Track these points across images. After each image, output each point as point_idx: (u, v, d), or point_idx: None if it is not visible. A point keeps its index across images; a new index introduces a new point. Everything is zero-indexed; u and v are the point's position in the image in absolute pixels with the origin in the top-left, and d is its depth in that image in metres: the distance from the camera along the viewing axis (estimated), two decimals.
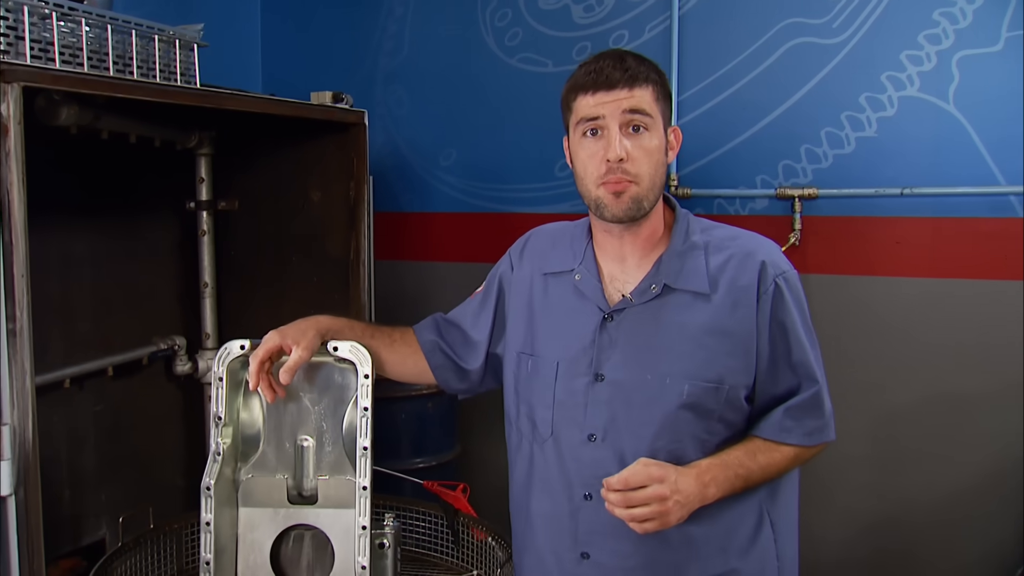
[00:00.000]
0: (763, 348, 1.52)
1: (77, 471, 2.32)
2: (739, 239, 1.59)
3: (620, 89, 1.47)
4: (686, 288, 1.53)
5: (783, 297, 1.52)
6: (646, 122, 1.48)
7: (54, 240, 2.21)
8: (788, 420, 1.53)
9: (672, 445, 1.50)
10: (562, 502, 1.58)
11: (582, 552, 1.56)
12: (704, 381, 1.50)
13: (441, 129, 3.36)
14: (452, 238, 3.38)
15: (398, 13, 3.39)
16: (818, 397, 1.55)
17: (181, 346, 2.57)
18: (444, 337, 1.81)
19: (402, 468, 2.77)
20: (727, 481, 1.47)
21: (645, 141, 1.48)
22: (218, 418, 1.72)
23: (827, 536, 2.87)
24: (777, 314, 1.52)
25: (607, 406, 1.53)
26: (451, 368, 1.80)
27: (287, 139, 2.56)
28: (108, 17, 1.82)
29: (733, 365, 1.51)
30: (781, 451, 1.54)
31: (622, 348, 1.54)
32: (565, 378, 1.58)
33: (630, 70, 1.48)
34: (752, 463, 1.51)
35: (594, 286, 1.59)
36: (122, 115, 2.06)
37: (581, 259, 1.62)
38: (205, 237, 2.59)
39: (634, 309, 1.54)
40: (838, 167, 2.79)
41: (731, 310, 1.52)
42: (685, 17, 2.94)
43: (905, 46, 2.69)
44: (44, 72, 1.59)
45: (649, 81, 1.49)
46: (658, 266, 1.55)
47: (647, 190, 1.49)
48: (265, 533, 1.78)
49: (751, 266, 1.53)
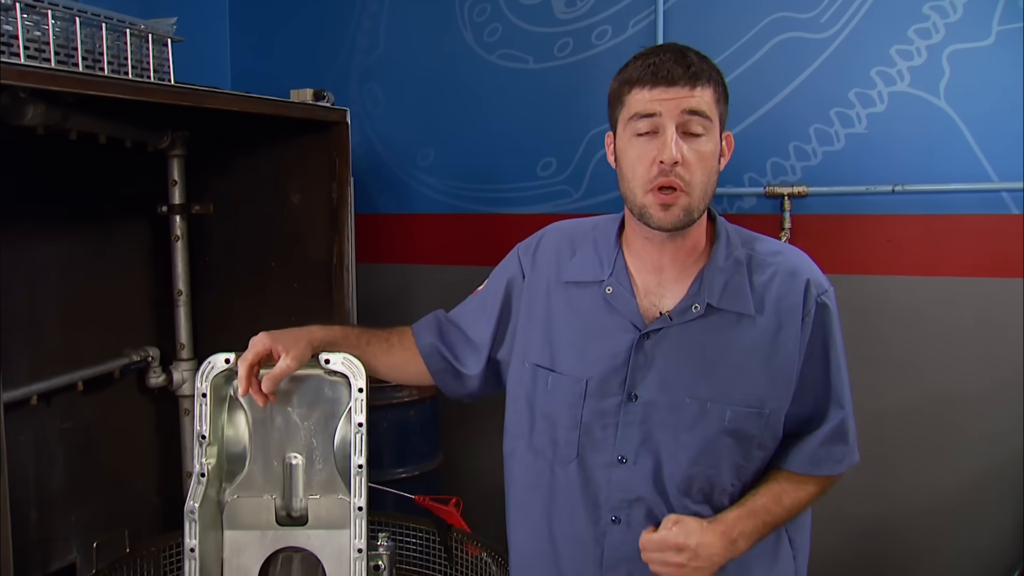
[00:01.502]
0: (802, 366, 1.45)
1: (45, 492, 2.22)
2: (781, 254, 1.50)
3: (681, 86, 1.36)
4: (731, 309, 1.44)
5: (826, 318, 1.46)
6: (705, 125, 1.38)
7: (18, 248, 2.11)
8: (821, 451, 1.48)
9: (709, 471, 1.44)
10: (587, 525, 1.50)
11: None
12: (747, 407, 1.43)
13: (419, 128, 3.28)
14: (431, 240, 3.30)
15: (372, 9, 3.30)
16: (845, 424, 1.49)
17: (154, 358, 2.48)
18: (444, 339, 1.71)
19: (384, 479, 2.70)
20: (755, 531, 1.43)
21: (702, 146, 1.38)
22: (202, 437, 1.62)
23: (822, 539, 2.83)
24: (819, 335, 1.46)
25: (639, 428, 1.45)
26: (450, 372, 1.70)
27: (265, 139, 2.47)
28: (76, 10, 1.71)
29: (775, 388, 1.44)
30: (806, 487, 1.49)
31: (659, 368, 1.45)
32: (594, 398, 1.48)
33: (693, 66, 1.37)
34: (778, 508, 1.46)
35: (628, 301, 1.48)
36: (92, 114, 1.95)
37: (611, 269, 1.51)
38: (179, 242, 2.48)
39: (673, 329, 1.45)
40: (828, 164, 2.76)
41: (775, 332, 1.44)
42: (670, 12, 2.89)
43: (895, 40, 2.66)
44: (8, 68, 1.47)
45: (711, 81, 1.39)
46: (699, 283, 1.45)
47: (699, 200, 1.39)
48: (252, 557, 1.69)
49: (796, 286, 1.45)
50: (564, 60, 3.04)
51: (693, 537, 1.36)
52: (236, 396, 1.67)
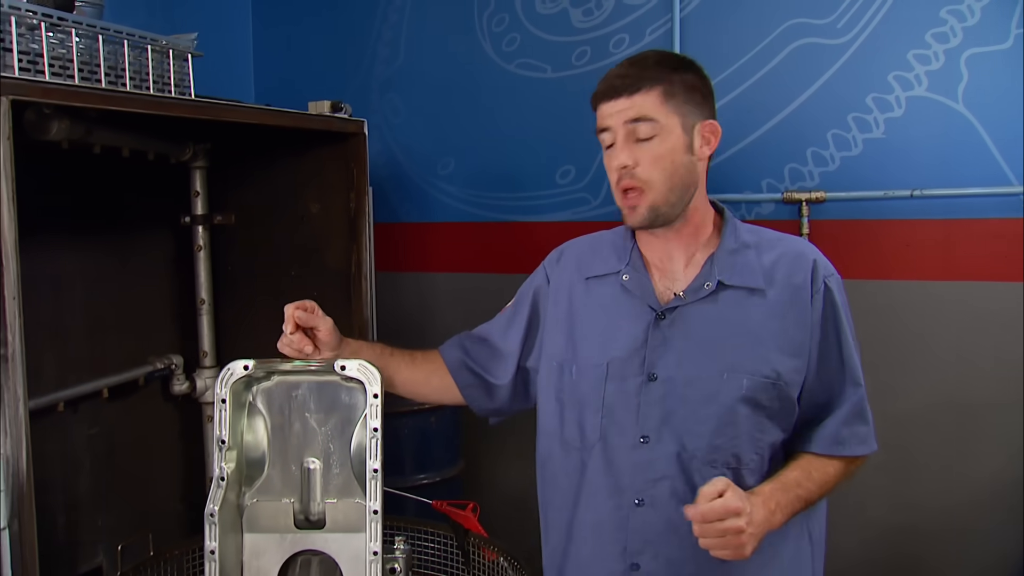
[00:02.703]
0: (814, 347, 1.50)
1: (72, 497, 2.26)
2: (786, 240, 1.58)
3: (621, 98, 1.46)
4: (741, 284, 1.50)
5: (834, 297, 1.51)
6: (652, 127, 1.45)
7: (45, 258, 2.15)
8: (845, 430, 1.50)
9: (731, 443, 1.48)
10: (609, 510, 1.53)
11: (632, 563, 1.51)
12: (762, 376, 1.47)
13: (439, 137, 3.31)
14: (451, 248, 3.33)
15: (393, 20, 3.33)
16: (863, 403, 1.53)
17: (178, 365, 2.51)
18: (470, 354, 1.76)
19: (405, 485, 2.72)
20: (789, 504, 1.43)
21: (654, 147, 1.46)
22: (222, 442, 1.65)
23: (840, 543, 2.82)
24: (828, 314, 1.50)
25: (660, 406, 1.49)
26: (480, 386, 1.75)
27: (284, 150, 2.50)
28: (99, 27, 1.75)
29: (788, 361, 1.49)
30: (833, 466, 1.50)
31: (676, 347, 1.50)
32: (616, 380, 1.54)
33: (630, 76, 1.47)
34: (810, 482, 1.47)
35: (644, 284, 1.55)
36: (115, 129, 1.99)
37: (627, 260, 1.59)
38: (201, 252, 2.53)
39: (687, 307, 1.51)
40: (845, 169, 2.75)
41: (786, 307, 1.50)
42: (686, 19, 2.90)
43: (912, 45, 2.66)
44: (33, 85, 1.52)
45: (655, 83, 1.46)
46: (711, 263, 1.52)
47: (664, 195, 1.47)
48: (271, 560, 1.71)
49: (803, 265, 1.51)
50: (582, 69, 3.05)
51: (746, 502, 1.33)
52: (255, 402, 1.72)
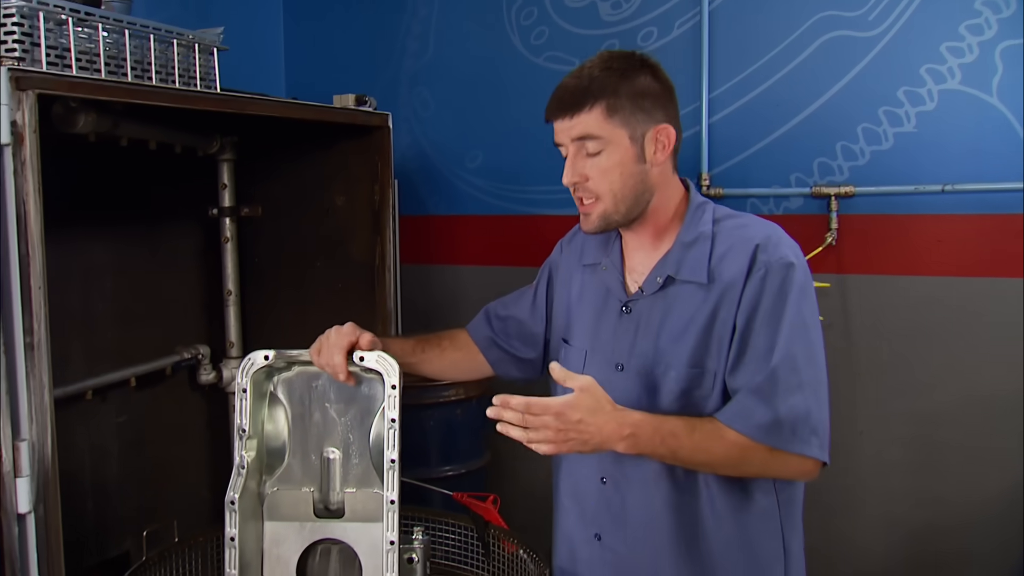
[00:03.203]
0: (743, 329, 1.50)
1: (101, 483, 2.30)
2: (747, 228, 1.57)
3: (564, 119, 1.52)
4: (688, 279, 1.56)
5: (772, 282, 1.48)
6: (597, 143, 1.51)
7: (74, 249, 2.19)
8: (741, 402, 1.48)
9: None
10: (582, 481, 1.66)
11: (595, 534, 1.64)
12: (692, 367, 1.53)
13: (467, 130, 3.32)
14: (479, 241, 3.34)
15: (423, 14, 3.34)
16: (772, 383, 1.46)
17: (205, 355, 2.54)
18: (496, 331, 1.86)
19: (431, 476, 2.74)
20: (650, 443, 1.44)
21: (601, 161, 1.52)
22: (242, 430, 1.69)
23: (868, 544, 2.80)
24: (767, 298, 1.49)
25: (625, 395, 1.54)
26: (509, 360, 1.85)
27: (310, 143, 2.52)
28: (126, 22, 1.78)
29: (715, 348, 1.52)
30: (725, 439, 1.47)
31: (634, 338, 1.60)
32: (592, 367, 1.63)
33: (567, 98, 1.52)
34: (687, 438, 1.46)
35: (616, 278, 1.66)
36: (141, 122, 2.02)
37: (610, 252, 1.69)
38: (228, 244, 2.56)
39: (645, 300, 1.60)
40: (875, 164, 2.72)
41: (721, 296, 1.53)
42: (715, 12, 2.88)
43: (945, 37, 2.61)
44: (60, 79, 1.55)
45: (596, 99, 1.50)
46: (665, 259, 1.59)
47: (614, 204, 1.54)
48: (291, 548, 1.74)
49: (744, 250, 1.52)
50: None
51: (579, 412, 1.39)
52: (276, 392, 1.74)
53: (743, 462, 1.49)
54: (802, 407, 1.46)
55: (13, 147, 1.44)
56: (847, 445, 2.79)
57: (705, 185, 2.88)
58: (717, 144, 2.91)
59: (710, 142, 2.90)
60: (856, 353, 2.77)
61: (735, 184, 2.88)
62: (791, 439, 1.45)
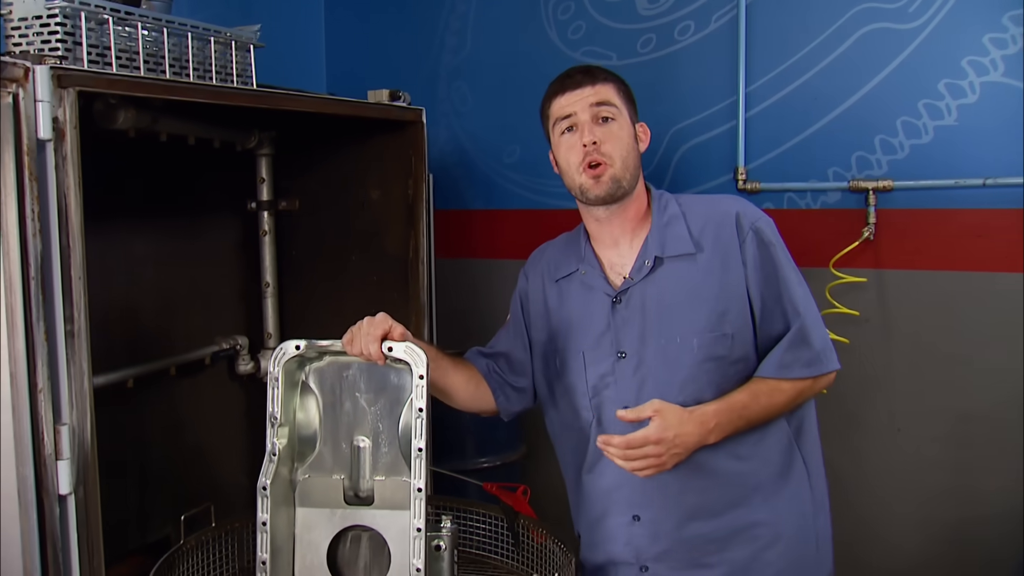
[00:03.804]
0: (754, 290, 1.71)
1: (142, 470, 2.36)
2: (713, 202, 1.81)
3: (585, 87, 1.73)
4: (675, 254, 1.74)
5: (763, 238, 1.72)
6: (612, 112, 1.73)
7: (117, 242, 2.25)
8: (786, 356, 1.69)
9: (695, 395, 1.69)
10: (615, 474, 1.75)
11: (634, 515, 1.77)
12: (711, 332, 1.70)
13: (504, 125, 3.33)
14: (516, 235, 3.35)
15: (460, 9, 3.37)
16: (804, 329, 1.71)
17: (243, 346, 2.58)
18: (491, 363, 1.97)
19: (467, 468, 2.78)
20: (730, 424, 1.66)
21: (615, 128, 1.73)
22: (274, 418, 1.73)
23: (903, 543, 2.77)
24: (763, 254, 1.72)
25: (633, 378, 1.74)
26: (506, 387, 1.96)
27: (347, 138, 2.56)
28: (164, 20, 1.82)
29: (731, 309, 1.71)
30: (782, 388, 1.70)
31: (634, 323, 1.74)
32: (593, 364, 1.78)
33: (591, 71, 1.77)
34: (755, 404, 1.68)
35: (598, 276, 1.80)
36: (180, 117, 2.07)
37: (583, 258, 1.84)
38: (266, 237, 2.60)
39: (636, 286, 1.75)
40: (915, 158, 2.68)
41: (720, 263, 1.72)
42: (752, 6, 2.86)
43: (988, 28, 2.57)
44: (99, 76, 1.60)
45: (610, 80, 1.76)
46: (646, 243, 1.76)
47: (622, 170, 1.72)
48: (322, 534, 1.79)
49: (728, 220, 1.73)
50: (647, 56, 3.04)
51: (671, 430, 1.59)
52: (308, 381, 1.78)
53: (799, 399, 1.73)
54: (823, 335, 1.75)
55: (54, 142, 1.49)
56: (885, 442, 2.76)
57: (742, 179, 2.86)
58: (754, 139, 2.89)
59: (747, 137, 2.88)
60: (894, 349, 2.74)
61: (772, 179, 2.86)
62: (826, 363, 1.73)
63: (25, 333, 1.47)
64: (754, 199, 2.82)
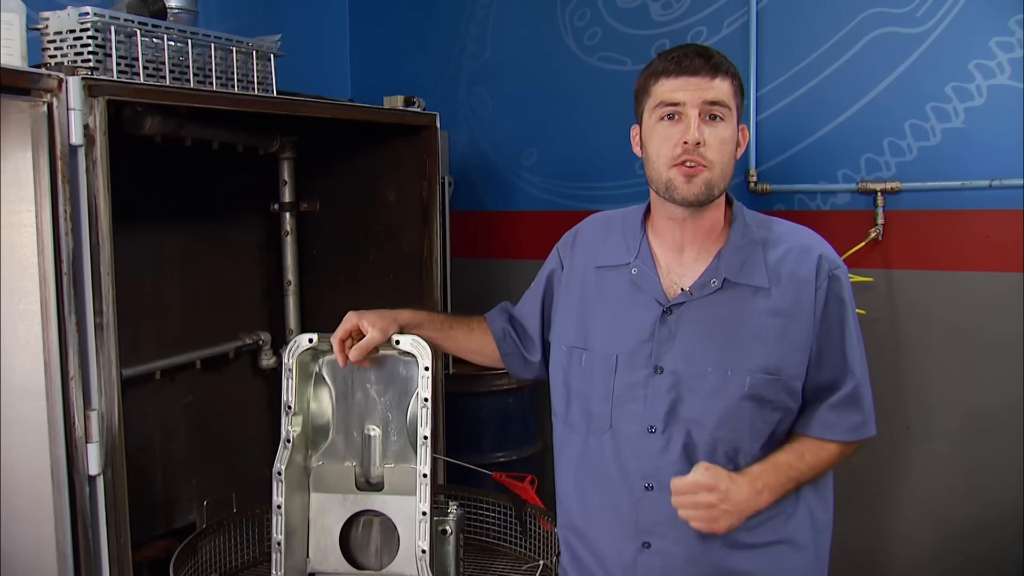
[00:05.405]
0: (816, 339, 1.55)
1: (168, 458, 2.46)
2: (796, 234, 1.62)
3: (703, 77, 1.50)
4: (747, 283, 1.56)
5: (839, 290, 1.56)
6: (723, 113, 1.51)
7: (146, 241, 2.36)
8: (832, 416, 1.57)
9: (733, 435, 1.54)
10: (622, 493, 1.59)
11: (643, 542, 1.58)
12: (764, 373, 1.53)
13: (523, 129, 3.40)
14: (534, 236, 3.41)
15: (480, 16, 3.45)
16: (858, 392, 1.58)
17: (266, 341, 2.68)
18: (513, 325, 1.86)
19: (483, 462, 2.83)
20: (779, 485, 1.53)
21: (721, 131, 1.51)
22: (288, 407, 1.82)
23: (913, 541, 2.80)
24: (832, 306, 1.56)
25: (666, 397, 1.55)
26: (518, 356, 1.85)
27: (365, 142, 2.64)
28: (189, 32, 1.93)
29: (791, 356, 1.54)
30: (827, 448, 1.58)
31: (681, 341, 1.56)
32: (624, 371, 1.59)
33: (713, 59, 1.52)
34: (801, 464, 1.56)
35: (652, 279, 1.60)
36: (204, 124, 2.18)
37: (636, 252, 1.63)
38: (288, 237, 2.71)
39: (694, 303, 1.56)
40: (923, 160, 2.71)
41: (791, 303, 1.55)
42: (763, 11, 2.91)
43: (995, 32, 2.59)
44: (127, 86, 1.71)
45: (730, 74, 1.53)
46: (718, 260, 1.57)
47: (719, 177, 1.52)
48: (335, 518, 1.87)
49: (809, 261, 1.56)
50: None
51: (723, 482, 1.45)
52: (321, 373, 1.87)
53: (840, 461, 1.61)
54: (870, 399, 1.60)
55: (85, 148, 1.60)
56: (894, 441, 2.78)
57: (752, 181, 2.91)
58: (765, 141, 2.94)
59: (758, 139, 2.93)
60: (902, 349, 2.77)
61: (782, 180, 2.91)
62: (870, 429, 1.61)
63: (58, 325, 1.58)
64: (765, 201, 2.89)
